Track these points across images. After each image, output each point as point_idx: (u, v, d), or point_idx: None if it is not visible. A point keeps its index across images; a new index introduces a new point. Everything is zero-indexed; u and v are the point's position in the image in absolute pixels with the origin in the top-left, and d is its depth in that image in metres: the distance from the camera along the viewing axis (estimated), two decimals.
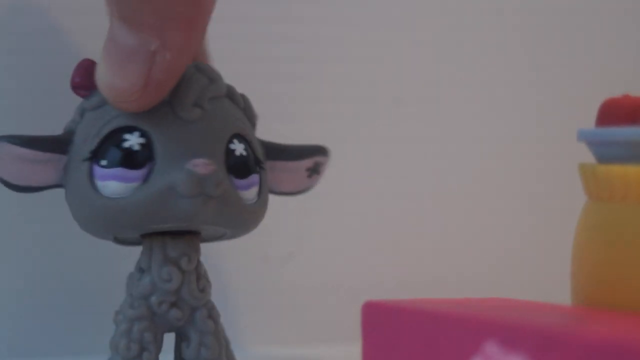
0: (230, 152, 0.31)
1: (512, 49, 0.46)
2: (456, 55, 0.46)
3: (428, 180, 0.45)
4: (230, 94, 0.32)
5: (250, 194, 0.31)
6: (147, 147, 0.30)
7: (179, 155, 0.30)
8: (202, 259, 0.32)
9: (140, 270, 0.31)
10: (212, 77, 0.31)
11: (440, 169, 0.46)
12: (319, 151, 0.34)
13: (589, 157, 0.30)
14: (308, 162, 0.33)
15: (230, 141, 0.31)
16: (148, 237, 0.31)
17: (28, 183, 0.31)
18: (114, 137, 0.30)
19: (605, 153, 0.29)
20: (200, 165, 0.29)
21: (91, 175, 0.30)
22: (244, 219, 0.31)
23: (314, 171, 0.34)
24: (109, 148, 0.30)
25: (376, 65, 0.44)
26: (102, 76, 0.30)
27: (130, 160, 0.30)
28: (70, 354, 0.40)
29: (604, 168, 0.29)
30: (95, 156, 0.30)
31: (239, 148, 0.31)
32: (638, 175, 0.28)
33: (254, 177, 0.31)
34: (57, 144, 0.31)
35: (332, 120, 0.44)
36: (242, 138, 0.31)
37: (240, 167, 0.31)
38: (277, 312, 0.43)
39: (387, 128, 0.45)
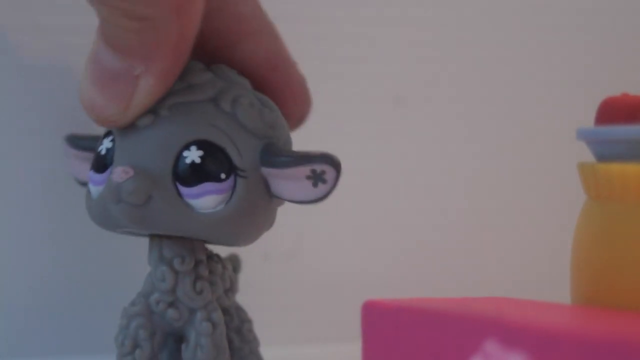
0: (181, 160, 0.30)
1: (511, 48, 0.46)
2: (456, 55, 0.46)
3: (428, 180, 0.45)
4: (217, 98, 0.31)
5: (204, 202, 0.30)
6: (112, 151, 0.31)
7: (120, 161, 0.30)
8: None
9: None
10: (193, 83, 0.31)
11: (440, 168, 0.46)
12: (315, 159, 0.31)
13: (588, 156, 0.30)
14: (304, 170, 0.31)
15: (186, 148, 0.30)
16: (151, 236, 0.31)
17: (85, 179, 0.33)
18: (101, 141, 0.32)
19: (605, 152, 0.29)
20: (116, 173, 0.30)
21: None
22: (201, 228, 0.31)
23: (318, 180, 0.31)
24: (95, 152, 0.32)
25: (377, 65, 0.44)
26: (85, 93, 0.30)
27: (97, 164, 0.31)
28: (70, 353, 0.40)
29: (603, 167, 0.29)
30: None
31: (192, 155, 0.30)
32: (637, 173, 0.28)
33: (210, 186, 0.30)
34: (91, 143, 0.33)
35: (332, 119, 0.44)
36: (206, 144, 0.30)
37: (187, 175, 0.30)
38: (276, 311, 0.43)
39: (388, 127, 0.45)
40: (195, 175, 0.30)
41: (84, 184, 0.33)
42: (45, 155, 0.40)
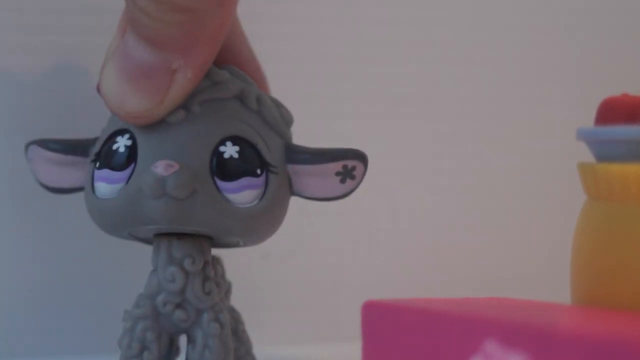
0: (218, 155, 0.31)
1: (512, 48, 0.46)
2: (456, 55, 0.46)
3: (428, 180, 0.45)
4: (243, 96, 0.32)
5: (243, 197, 0.31)
6: (132, 149, 0.31)
7: (156, 157, 0.30)
8: None
9: (153, 270, 0.32)
10: (217, 80, 0.31)
11: (440, 168, 0.46)
12: (347, 154, 0.32)
13: (588, 156, 0.30)
14: (335, 166, 0.32)
15: (222, 143, 0.31)
16: (157, 237, 0.31)
17: (59, 185, 0.33)
18: (110, 140, 0.31)
19: (605, 152, 0.29)
20: (161, 167, 0.29)
21: (92, 177, 0.31)
22: (238, 223, 0.31)
23: (347, 175, 0.32)
24: (103, 151, 0.31)
25: (377, 65, 0.44)
26: (114, 92, 0.30)
27: (114, 162, 0.31)
28: (71, 354, 0.40)
29: (603, 167, 0.29)
30: (96, 158, 0.31)
31: (230, 150, 0.31)
32: (637, 173, 0.28)
33: (249, 180, 0.31)
34: (80, 147, 0.32)
35: (332, 119, 0.44)
36: (240, 140, 0.31)
37: (227, 170, 0.30)
38: (276, 311, 0.43)
39: (387, 127, 0.45)
40: (234, 169, 0.31)
41: (56, 189, 0.33)
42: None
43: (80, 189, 0.33)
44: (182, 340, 0.32)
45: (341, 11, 0.44)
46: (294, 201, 0.33)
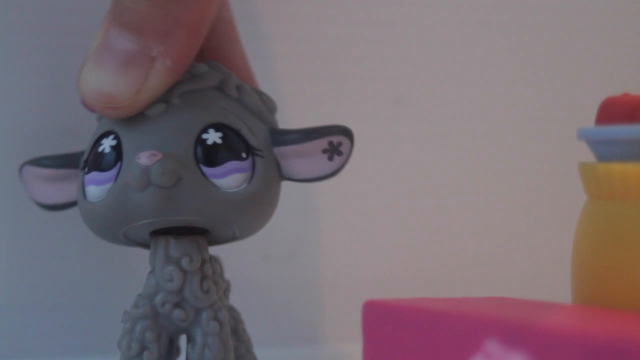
0: (202, 142, 0.31)
1: (512, 48, 0.46)
2: (456, 55, 0.46)
3: (428, 179, 0.45)
4: (222, 86, 0.32)
5: (230, 181, 0.31)
6: (117, 148, 0.31)
7: (140, 151, 0.30)
8: None
9: (151, 270, 0.31)
10: (195, 73, 0.32)
11: (441, 167, 0.46)
12: (332, 130, 0.32)
13: (588, 156, 0.30)
14: (321, 143, 0.32)
15: (204, 131, 0.31)
16: (154, 237, 0.31)
17: (55, 201, 0.33)
18: (97, 144, 0.31)
19: (605, 152, 0.29)
20: (144, 157, 0.30)
21: (83, 183, 0.32)
22: (228, 208, 0.31)
23: (334, 152, 0.32)
24: (91, 155, 0.31)
25: (376, 65, 0.44)
26: (92, 81, 0.30)
27: (101, 163, 0.31)
28: (71, 354, 0.40)
29: (604, 167, 0.29)
30: (85, 164, 0.32)
31: (213, 137, 0.31)
32: (638, 173, 0.28)
33: (234, 164, 0.31)
34: (72, 160, 0.33)
35: (332, 119, 0.44)
36: (223, 127, 0.31)
37: (211, 156, 0.31)
38: (277, 311, 0.43)
39: (387, 127, 0.45)
40: (219, 155, 0.31)
41: (52, 207, 0.33)
42: (42, 153, 0.40)
43: (75, 203, 0.33)
44: (183, 341, 0.32)
45: (342, 11, 0.44)
46: (295, 202, 0.33)
